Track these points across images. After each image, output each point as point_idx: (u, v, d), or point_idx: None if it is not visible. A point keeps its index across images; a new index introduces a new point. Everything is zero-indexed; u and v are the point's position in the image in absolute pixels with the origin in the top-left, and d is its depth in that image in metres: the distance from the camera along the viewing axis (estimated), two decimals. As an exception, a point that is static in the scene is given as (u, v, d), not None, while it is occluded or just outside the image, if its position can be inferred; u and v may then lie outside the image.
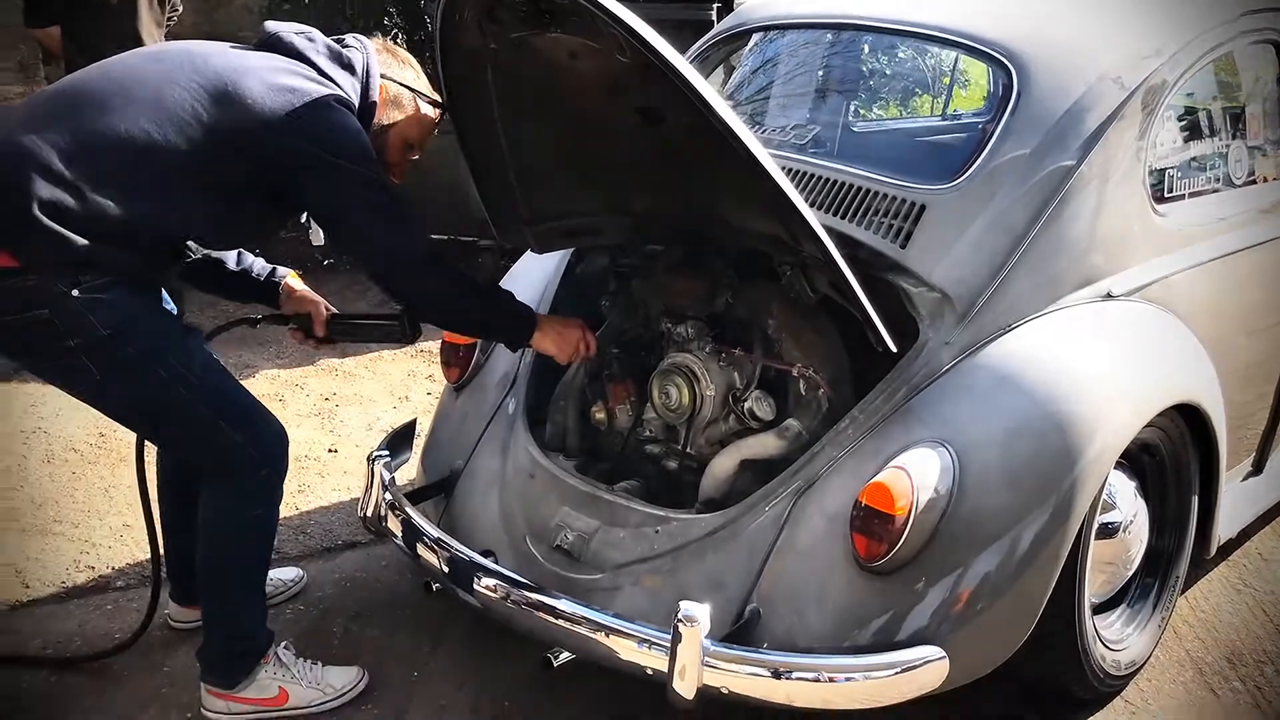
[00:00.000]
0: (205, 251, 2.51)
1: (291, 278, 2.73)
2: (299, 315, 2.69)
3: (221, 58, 2.31)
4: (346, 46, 2.46)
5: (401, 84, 2.55)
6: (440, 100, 2.57)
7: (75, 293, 2.16)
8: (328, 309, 2.70)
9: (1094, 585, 2.53)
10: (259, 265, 2.70)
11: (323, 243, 2.74)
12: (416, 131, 2.60)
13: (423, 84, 2.61)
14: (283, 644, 2.64)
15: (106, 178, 2.16)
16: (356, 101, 2.42)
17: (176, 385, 2.30)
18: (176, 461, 2.71)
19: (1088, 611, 2.48)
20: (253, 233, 2.59)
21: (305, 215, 2.48)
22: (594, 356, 2.74)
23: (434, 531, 2.60)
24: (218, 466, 2.44)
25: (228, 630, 2.53)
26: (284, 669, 2.59)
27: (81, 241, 2.14)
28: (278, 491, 2.52)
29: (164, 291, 2.46)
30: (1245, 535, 3.32)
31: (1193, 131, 2.92)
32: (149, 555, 2.74)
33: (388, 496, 2.72)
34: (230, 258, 2.64)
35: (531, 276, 3.16)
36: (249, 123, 2.23)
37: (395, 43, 2.69)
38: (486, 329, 2.71)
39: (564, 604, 2.34)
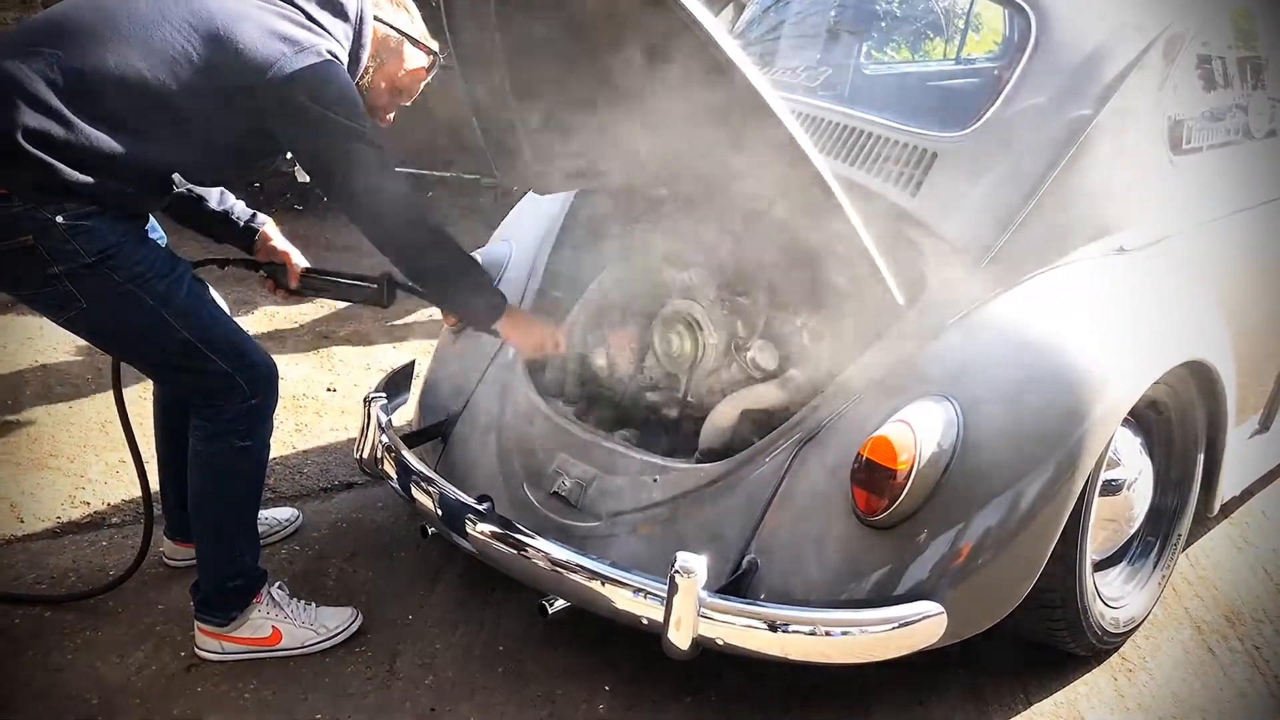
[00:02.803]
0: (188, 186, 2.49)
1: (269, 225, 2.71)
2: (271, 264, 2.68)
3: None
4: None
5: (393, 27, 2.51)
6: (434, 48, 2.54)
7: (60, 219, 2.14)
8: (302, 263, 2.69)
9: (1095, 543, 2.51)
10: (240, 208, 2.67)
11: (308, 180, 2.71)
12: (406, 77, 2.57)
13: (417, 28, 2.56)
14: (277, 584, 2.64)
15: (93, 109, 2.14)
16: (347, 47, 2.39)
17: (161, 313, 2.28)
18: (171, 397, 2.69)
19: (1088, 569, 2.46)
20: (236, 172, 2.57)
21: (291, 155, 2.45)
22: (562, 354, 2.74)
23: (429, 475, 2.57)
24: (204, 397, 2.42)
25: (220, 566, 2.52)
26: (278, 609, 2.58)
27: (66, 170, 2.12)
28: (267, 424, 2.49)
29: (154, 221, 2.44)
30: (1248, 493, 3.30)
31: (1212, 83, 2.84)
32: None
33: (383, 439, 2.70)
34: (213, 196, 2.61)
35: (534, 217, 3.11)
36: (238, 67, 2.20)
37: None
38: (455, 299, 2.65)
39: (559, 551, 2.32)
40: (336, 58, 2.32)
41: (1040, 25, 2.49)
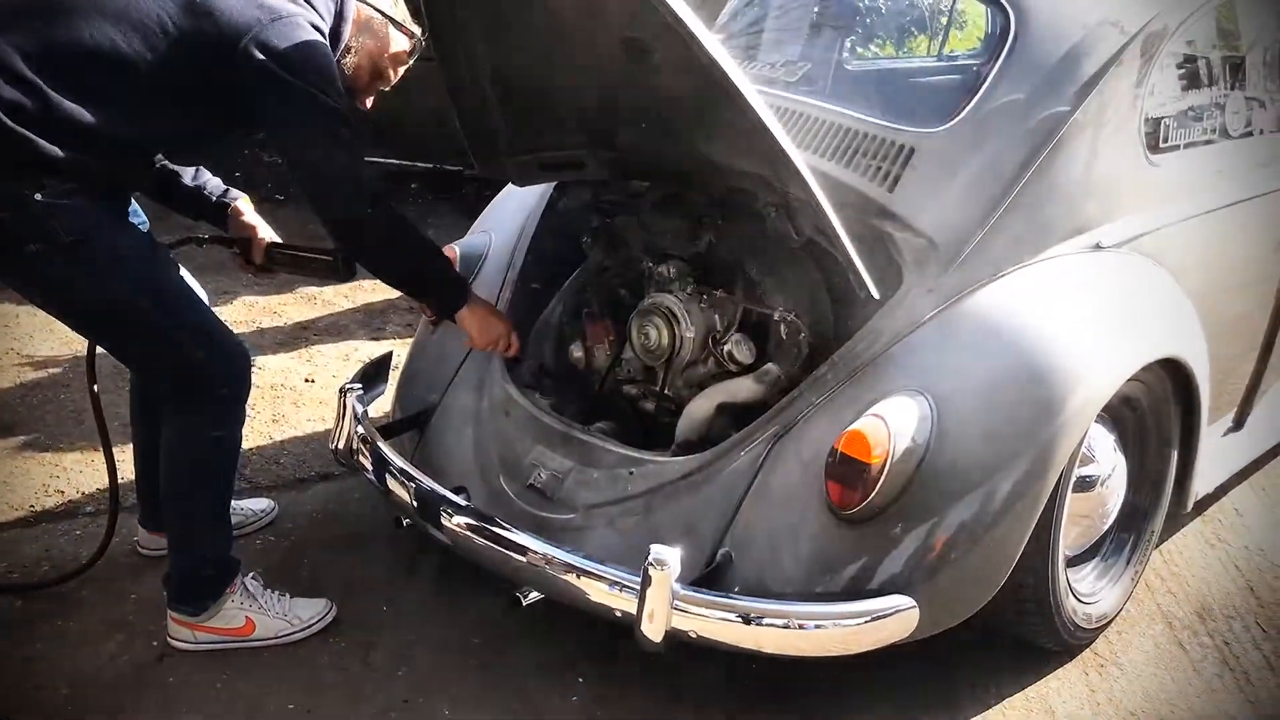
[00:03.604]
0: (164, 162, 2.47)
1: (242, 201, 2.69)
2: (241, 239, 2.67)
3: None
4: None
5: (377, 9, 2.49)
6: (416, 32, 2.52)
7: (38, 197, 2.12)
8: (270, 237, 2.67)
9: (1069, 538, 2.51)
10: (213, 184, 2.65)
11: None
12: (388, 60, 2.55)
13: (400, 12, 2.54)
14: (251, 574, 2.63)
15: (69, 83, 2.12)
16: (329, 23, 2.37)
17: (138, 297, 2.26)
18: (146, 385, 2.67)
19: (1061, 565, 2.47)
20: (214, 148, 2.54)
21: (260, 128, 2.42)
22: (512, 356, 2.73)
23: (404, 466, 2.56)
24: (177, 384, 2.40)
25: (192, 556, 2.51)
26: (251, 599, 2.57)
27: (44, 144, 2.10)
28: (239, 413, 2.48)
29: (135, 205, 2.42)
30: (1222, 490, 3.32)
31: (1191, 81, 2.85)
32: (120, 479, 2.71)
33: (359, 430, 2.68)
34: (187, 172, 2.60)
35: (511, 209, 3.11)
36: (214, 35, 2.18)
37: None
38: (416, 285, 2.61)
39: (534, 543, 2.31)
40: (318, 30, 2.29)
41: (1019, 22, 2.50)
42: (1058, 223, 2.46)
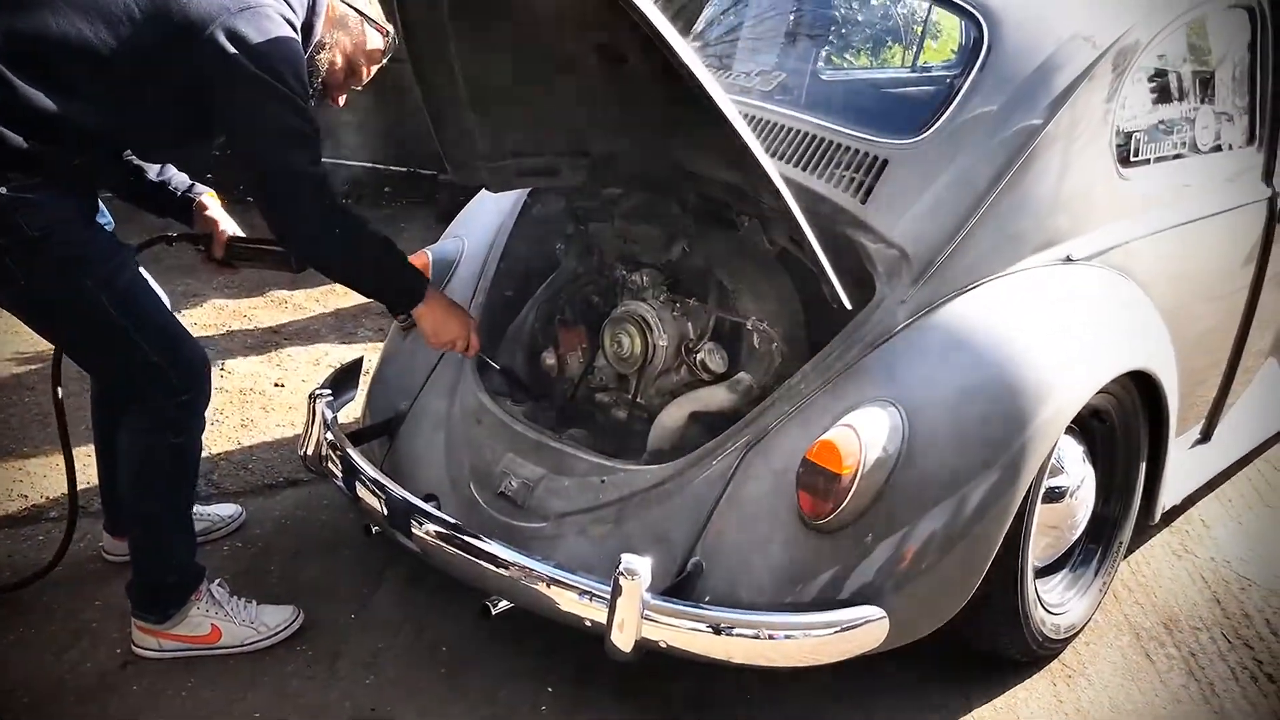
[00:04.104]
0: (130, 157, 2.45)
1: (207, 196, 2.66)
2: (204, 235, 2.64)
3: None
4: None
5: (350, 6, 2.47)
6: (390, 30, 2.49)
7: (3, 190, 2.09)
8: (232, 231, 2.65)
9: (1038, 549, 2.52)
10: (179, 179, 2.62)
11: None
12: (361, 57, 2.53)
13: (375, 10, 2.52)
14: (217, 581, 2.60)
15: (35, 73, 2.09)
16: (301, 17, 2.34)
17: (100, 298, 2.23)
18: (105, 389, 2.63)
19: (1030, 575, 2.48)
20: (183, 144, 2.49)
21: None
22: (469, 357, 2.68)
23: (374, 473, 2.54)
24: (135, 389, 2.37)
25: (154, 563, 2.48)
26: (217, 606, 2.54)
27: (10, 136, 2.07)
28: (198, 420, 2.45)
29: (102, 207, 2.39)
30: (1189, 502, 3.35)
31: (1162, 95, 2.88)
32: (85, 484, 2.67)
33: (328, 436, 2.66)
34: (153, 168, 2.57)
35: (485, 215, 3.09)
36: (183, 24, 2.15)
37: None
38: (368, 282, 2.52)
39: (504, 552, 2.30)
40: (288, 22, 2.26)
41: (993, 34, 2.51)
42: (1029, 235, 2.47)
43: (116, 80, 2.17)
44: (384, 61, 2.59)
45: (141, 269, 2.40)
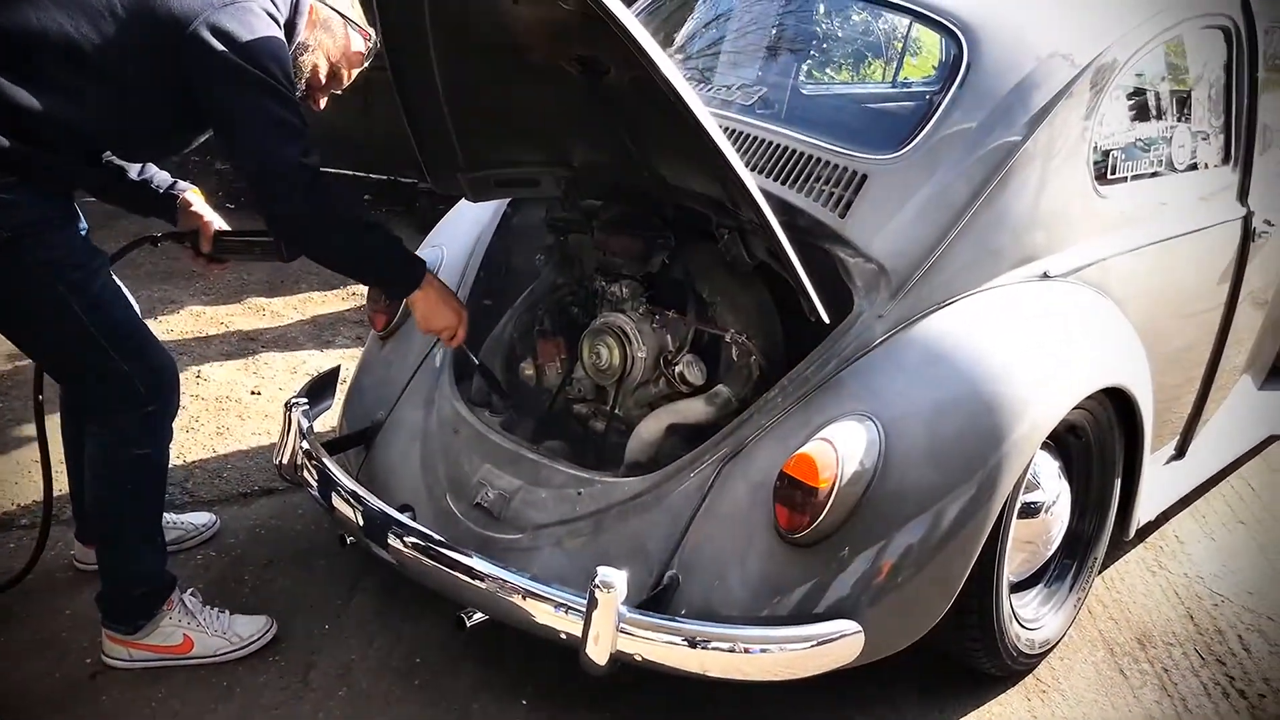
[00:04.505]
0: (110, 158, 2.43)
1: (191, 193, 2.64)
2: (191, 231, 2.62)
3: None
4: None
5: (333, 8, 2.46)
6: (371, 33, 2.48)
7: None
8: (219, 225, 2.63)
9: (1013, 564, 2.53)
10: (160, 177, 2.60)
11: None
12: (342, 60, 2.51)
13: (356, 13, 2.52)
14: (189, 591, 2.58)
15: (15, 69, 2.07)
16: (284, 15, 2.33)
17: (70, 303, 2.21)
18: (73, 396, 2.61)
19: (1005, 590, 2.49)
20: (164, 141, 2.47)
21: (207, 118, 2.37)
22: (454, 348, 2.67)
23: (349, 484, 2.53)
24: (102, 397, 2.35)
25: (123, 573, 2.46)
26: (189, 616, 2.52)
27: None
28: (166, 430, 2.43)
29: (77, 209, 2.35)
30: (1164, 518, 3.37)
31: (1139, 114, 2.90)
32: (57, 491, 2.65)
33: (304, 445, 2.65)
34: (133, 167, 2.54)
35: (465, 224, 3.09)
36: (166, 20, 2.14)
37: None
38: (366, 266, 2.50)
39: (479, 564, 2.29)
40: (273, 20, 2.25)
41: (972, 51, 2.52)
42: (1006, 251, 2.48)
43: (99, 77, 2.15)
44: (365, 65, 2.58)
45: (114, 277, 2.37)
